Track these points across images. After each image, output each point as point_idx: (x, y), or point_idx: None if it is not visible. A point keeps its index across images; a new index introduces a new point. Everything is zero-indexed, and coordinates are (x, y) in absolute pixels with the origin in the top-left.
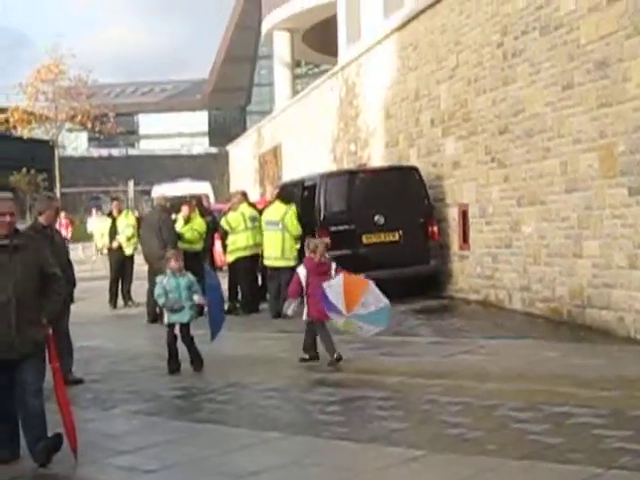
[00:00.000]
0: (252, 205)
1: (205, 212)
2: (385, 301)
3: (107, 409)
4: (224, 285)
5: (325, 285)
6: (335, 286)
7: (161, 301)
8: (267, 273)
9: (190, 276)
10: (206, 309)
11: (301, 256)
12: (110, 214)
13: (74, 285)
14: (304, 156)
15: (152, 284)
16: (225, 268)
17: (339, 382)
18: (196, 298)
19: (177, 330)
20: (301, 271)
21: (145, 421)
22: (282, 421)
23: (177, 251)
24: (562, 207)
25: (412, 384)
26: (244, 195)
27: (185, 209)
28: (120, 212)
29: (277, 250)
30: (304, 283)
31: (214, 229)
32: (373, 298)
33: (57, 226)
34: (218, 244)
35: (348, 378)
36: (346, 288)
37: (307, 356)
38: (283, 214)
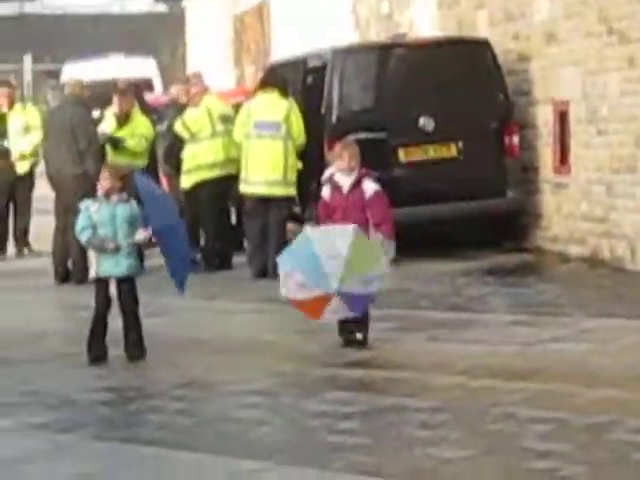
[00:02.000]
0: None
1: (147, 108)
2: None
3: None
4: None
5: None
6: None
7: (85, 236)
8: (245, 207)
9: (134, 205)
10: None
11: (302, 182)
12: None
13: None
14: (306, 20)
15: (62, 221)
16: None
17: (361, 383)
18: (138, 236)
19: (112, 289)
20: (325, 188)
21: (51, 441)
22: (268, 444)
23: (112, 166)
24: None
25: (476, 389)
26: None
27: (118, 101)
28: (12, 105)
29: (277, 169)
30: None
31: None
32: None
33: None
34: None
35: (375, 377)
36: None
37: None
38: (286, 112)
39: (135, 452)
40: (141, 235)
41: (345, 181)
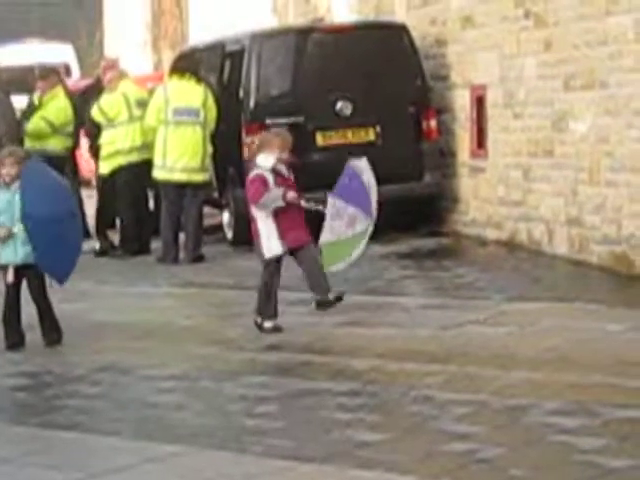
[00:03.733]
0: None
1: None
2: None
3: None
4: (89, 210)
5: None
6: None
7: None
8: (163, 193)
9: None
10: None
11: (220, 166)
12: None
13: None
14: (225, 4)
15: None
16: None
17: (278, 367)
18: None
19: (9, 278)
20: (267, 174)
21: None
22: (186, 428)
23: (14, 150)
24: (636, 92)
25: (394, 372)
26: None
27: (42, 85)
28: None
29: (196, 156)
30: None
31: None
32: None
33: None
34: (84, 145)
35: (293, 361)
36: None
37: (269, 324)
38: (204, 98)
39: (53, 437)
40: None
41: (283, 168)
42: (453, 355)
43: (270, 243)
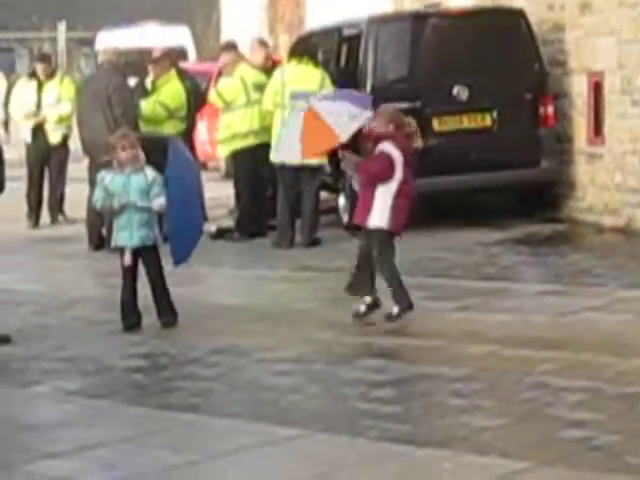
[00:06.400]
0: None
1: (183, 75)
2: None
3: (25, 386)
4: (212, 192)
5: None
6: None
7: (98, 204)
8: (281, 176)
9: (150, 173)
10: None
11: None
12: (34, 74)
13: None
14: None
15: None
16: (214, 165)
17: (393, 352)
18: (156, 203)
19: (127, 259)
20: (393, 151)
21: (86, 406)
22: (301, 411)
23: (126, 133)
24: None
25: (508, 358)
26: (234, 48)
27: (151, 70)
28: (52, 75)
29: None
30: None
31: (196, 103)
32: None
33: None
34: (202, 128)
35: (408, 345)
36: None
37: (362, 308)
38: (321, 82)
39: (169, 418)
40: (156, 204)
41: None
42: (569, 342)
43: None
